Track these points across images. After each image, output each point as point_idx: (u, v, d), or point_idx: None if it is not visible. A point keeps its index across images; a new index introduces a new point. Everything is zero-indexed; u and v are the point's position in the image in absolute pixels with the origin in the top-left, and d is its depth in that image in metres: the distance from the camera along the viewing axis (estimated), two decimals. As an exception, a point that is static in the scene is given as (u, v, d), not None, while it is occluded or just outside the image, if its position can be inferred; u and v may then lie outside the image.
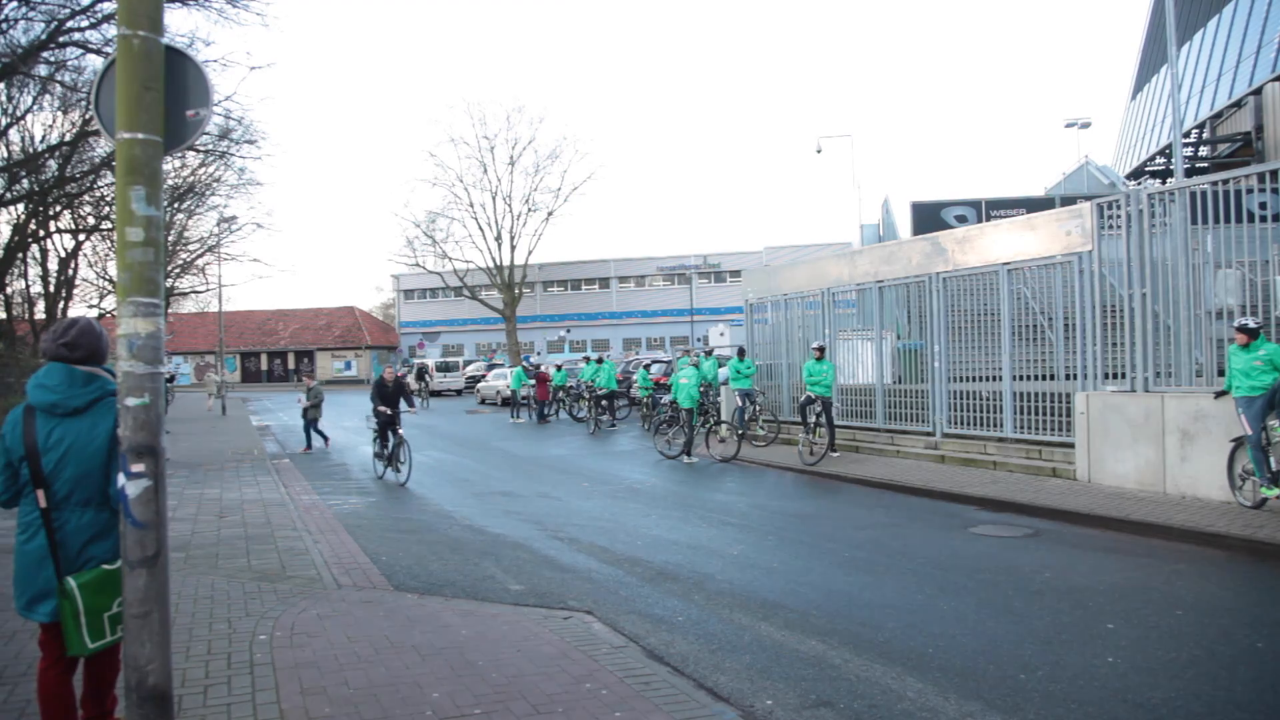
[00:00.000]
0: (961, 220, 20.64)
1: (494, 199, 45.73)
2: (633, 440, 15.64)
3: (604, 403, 17.68)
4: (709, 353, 16.39)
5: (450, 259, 47.82)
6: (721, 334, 32.11)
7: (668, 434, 12.82)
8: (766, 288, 14.70)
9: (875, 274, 12.05)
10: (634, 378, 21.27)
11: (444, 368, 36.46)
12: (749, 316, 15.21)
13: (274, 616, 4.78)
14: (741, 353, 14.19)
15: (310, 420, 14.93)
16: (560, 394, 21.06)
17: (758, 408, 13.82)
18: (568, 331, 51.77)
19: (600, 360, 18.86)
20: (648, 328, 50.61)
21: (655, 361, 22.49)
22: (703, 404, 12.58)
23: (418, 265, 50.42)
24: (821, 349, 11.52)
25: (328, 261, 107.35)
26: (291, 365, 53.97)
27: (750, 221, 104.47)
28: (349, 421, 22.24)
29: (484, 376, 30.05)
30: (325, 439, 15.22)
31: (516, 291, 46.39)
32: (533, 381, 21.04)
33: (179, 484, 10.24)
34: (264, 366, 54.46)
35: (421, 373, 31.69)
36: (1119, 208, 8.41)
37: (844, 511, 8.15)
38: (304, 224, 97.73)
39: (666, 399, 15.43)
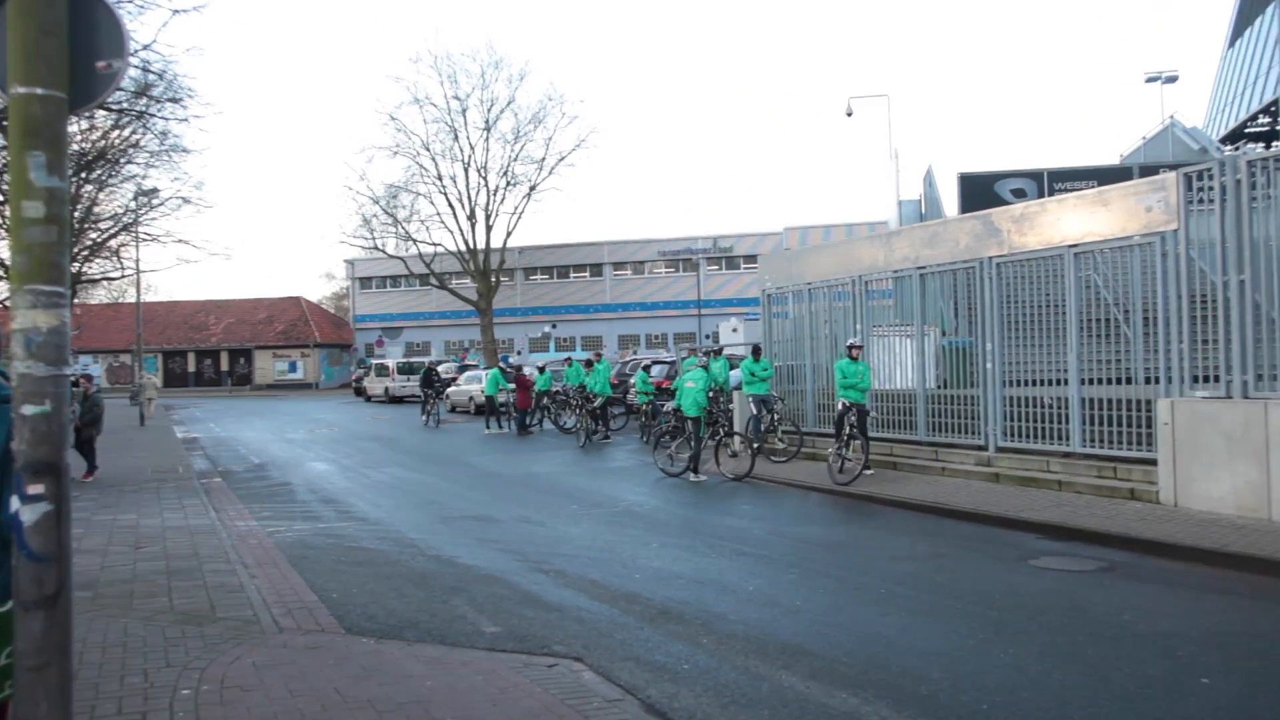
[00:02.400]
0: (1019, 195, 20.66)
1: (466, 171, 45.81)
2: (629, 455, 15.68)
3: (596, 411, 17.68)
4: (717, 352, 16.41)
5: (415, 241, 47.77)
6: (734, 330, 32.20)
7: (670, 447, 12.88)
8: (787, 275, 14.73)
9: (916, 259, 12.07)
10: (631, 381, 21.33)
11: (407, 369, 36.35)
12: (766, 309, 15.24)
13: (200, 667, 4.76)
14: (757, 351, 14.24)
15: (86, 440, 12.71)
16: (545, 400, 21.12)
17: (776, 416, 13.85)
18: (553, 327, 51.90)
19: (591, 362, 18.83)
20: (647, 323, 50.80)
21: (656, 362, 22.59)
22: (711, 412, 12.61)
23: (376, 249, 50.38)
24: (859, 346, 11.56)
25: (269, 244, 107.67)
26: (225, 366, 53.89)
27: (768, 198, 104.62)
28: (294, 433, 22.28)
29: (454, 380, 30.02)
30: (93, 468, 12.82)
31: (493, 280, 46.33)
32: (512, 386, 21.15)
33: (86, 508, 10.20)
34: (191, 368, 54.37)
35: (427, 374, 32.04)
36: (1211, 178, 8.37)
37: (879, 540, 8.17)
38: (241, 200, 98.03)
39: (669, 406, 15.50)
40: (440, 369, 29.19)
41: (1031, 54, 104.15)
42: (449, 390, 28.67)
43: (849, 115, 28.88)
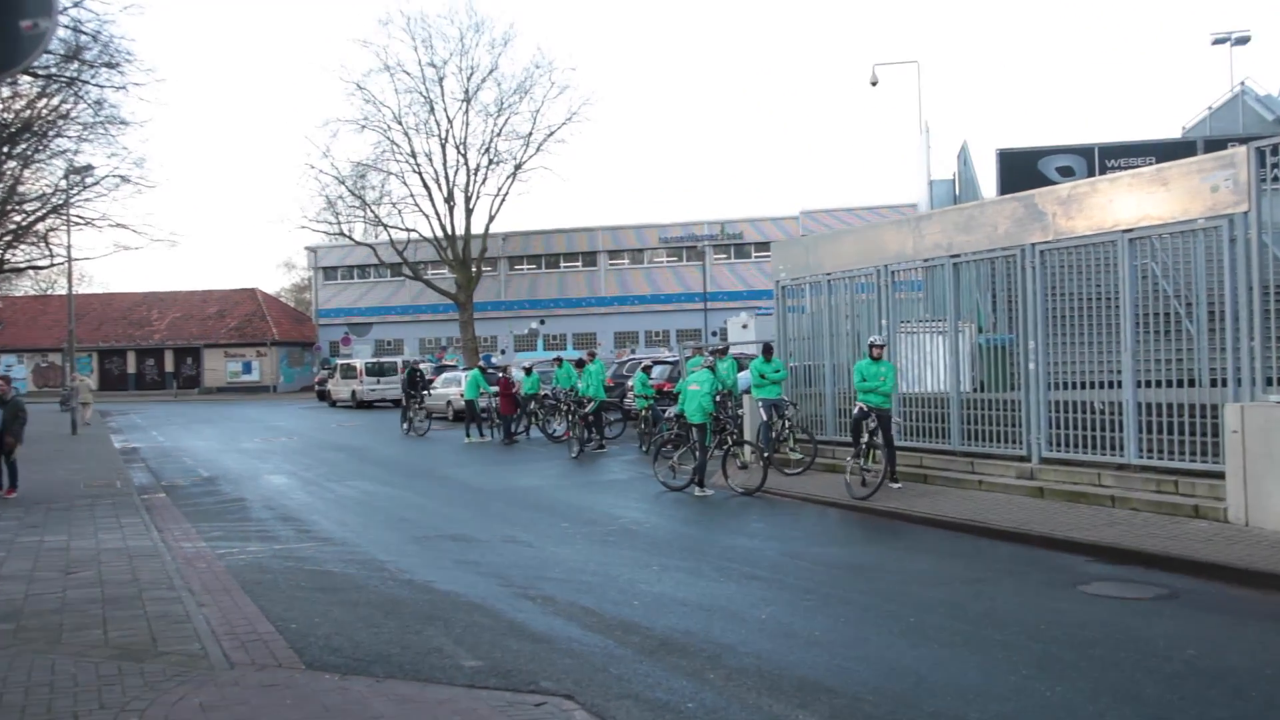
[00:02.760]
0: (1066, 174, 20.70)
1: (443, 147, 45.94)
2: (627, 466, 15.71)
3: (589, 417, 17.72)
4: (721, 351, 16.40)
5: (385, 227, 47.88)
6: (744, 326, 32.20)
7: (672, 458, 12.93)
8: (804, 265, 14.77)
9: (949, 246, 12.09)
10: (629, 384, 21.37)
11: (377, 370, 36.41)
12: (780, 303, 15.29)
13: (139, 709, 4.71)
14: (768, 351, 14.30)
15: (6, 451, 12.65)
16: (532, 406, 21.21)
17: (789, 423, 13.90)
18: (541, 323, 52.02)
19: (583, 362, 18.84)
20: (647, 318, 50.97)
21: (657, 362, 22.63)
22: (718, 418, 12.61)
23: (342, 235, 50.40)
24: (881, 345, 11.60)
25: (221, 229, 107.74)
26: (170, 367, 53.82)
27: (782, 179, 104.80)
28: (249, 442, 22.30)
29: (430, 382, 30.14)
30: (14, 483, 12.75)
31: (474, 270, 46.46)
32: (495, 389, 21.17)
33: (8, 528, 10.19)
34: (130, 369, 54.33)
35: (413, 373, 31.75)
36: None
37: (908, 562, 8.20)
38: (189, 179, 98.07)
39: (671, 412, 15.48)
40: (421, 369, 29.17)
41: (1080, 13, 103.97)
42: (423, 395, 28.53)
43: (874, 85, 28.79)
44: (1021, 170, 20.52)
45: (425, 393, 23.53)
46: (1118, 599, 6.76)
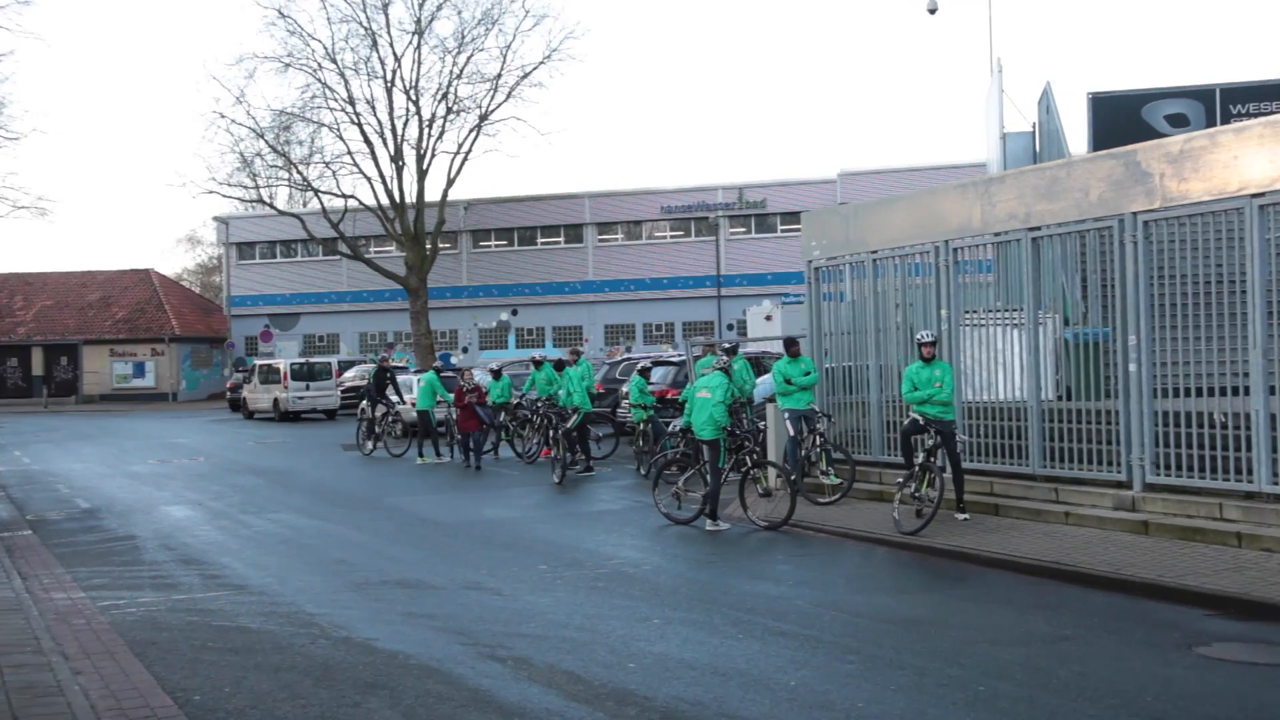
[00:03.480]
0: (1178, 123, 20.67)
1: (389, 93, 46.08)
2: (621, 493, 15.75)
3: (572, 432, 17.75)
4: (732, 350, 16.40)
5: (316, 192, 47.80)
6: (767, 318, 32.31)
7: (678, 483, 12.97)
8: (843, 240, 14.82)
9: (1026, 216, 12.14)
10: (623, 390, 21.40)
11: (306, 373, 36.51)
12: (813, 288, 15.36)
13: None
14: (793, 347, 14.33)
15: None
16: (502, 418, 21.18)
17: (821, 438, 13.95)
18: (513, 314, 52.19)
19: (565, 363, 18.85)
20: (646, 308, 51.21)
21: (658, 363, 22.66)
22: (734, 433, 12.64)
23: (261, 202, 50.56)
24: (931, 344, 11.64)
25: (106, 195, 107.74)
26: (38, 369, 53.70)
27: (815, 134, 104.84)
28: (141, 464, 22.36)
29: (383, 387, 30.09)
30: None
31: (428, 247, 46.47)
32: (468, 394, 21.25)
33: None
34: (-12, 371, 54.31)
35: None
36: None
37: (976, 615, 8.23)
38: (65, 132, 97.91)
39: (676, 425, 15.51)
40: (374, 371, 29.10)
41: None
42: (364, 404, 28.28)
43: (932, 12, 28.86)
44: (1121, 119, 20.51)
45: (399, 400, 23.24)
46: (1245, 664, 6.77)
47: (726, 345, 17.06)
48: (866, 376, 14.25)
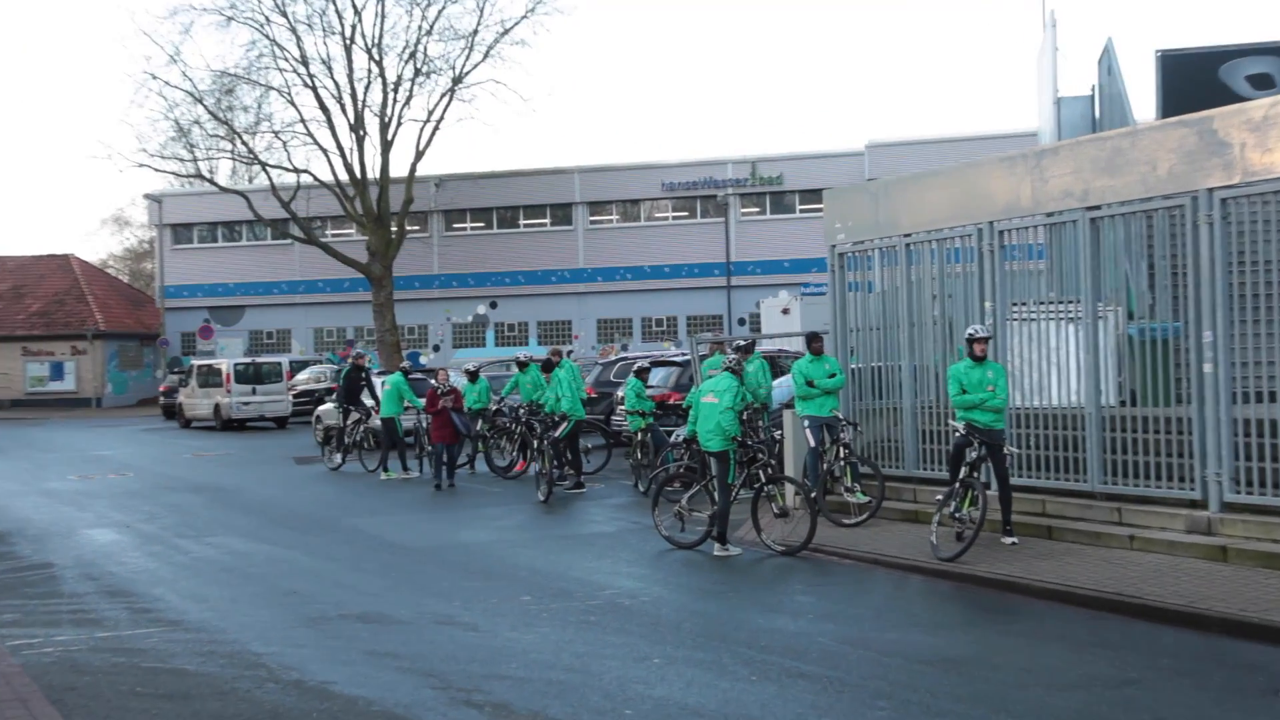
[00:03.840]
0: (1261, 85, 20.45)
1: (348, 51, 45.89)
2: (616, 513, 15.76)
3: (560, 443, 17.68)
4: (747, 348, 16.26)
5: (264, 166, 47.82)
6: (785, 311, 32.45)
7: (681, 501, 13.00)
8: (871, 222, 14.84)
9: (1084, 193, 12.11)
10: (618, 395, 21.34)
11: (252, 375, 36.50)
12: (837, 277, 15.38)
13: None
14: (816, 344, 14.32)
15: None
16: (480, 426, 21.18)
17: (847, 450, 13.97)
18: (492, 307, 52.27)
19: (551, 363, 18.74)
20: (645, 300, 51.32)
21: (658, 364, 22.67)
22: (746, 444, 12.61)
23: (200, 178, 50.07)
24: (984, 340, 11.58)
25: (18, 169, 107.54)
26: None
27: (840, 100, 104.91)
28: (60, 480, 22.34)
29: (330, 393, 30.03)
30: None
31: (394, 229, 46.49)
32: (445, 400, 21.12)
33: None
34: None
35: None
36: None
37: (1027, 654, 8.23)
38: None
39: (679, 434, 15.43)
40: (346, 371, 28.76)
41: None
42: (320, 410, 28.64)
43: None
44: (1194, 81, 20.31)
45: (376, 405, 22.67)
46: (1342, 712, 6.75)
47: (741, 343, 16.93)
48: (899, 378, 14.25)
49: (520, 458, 19.93)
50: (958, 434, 11.52)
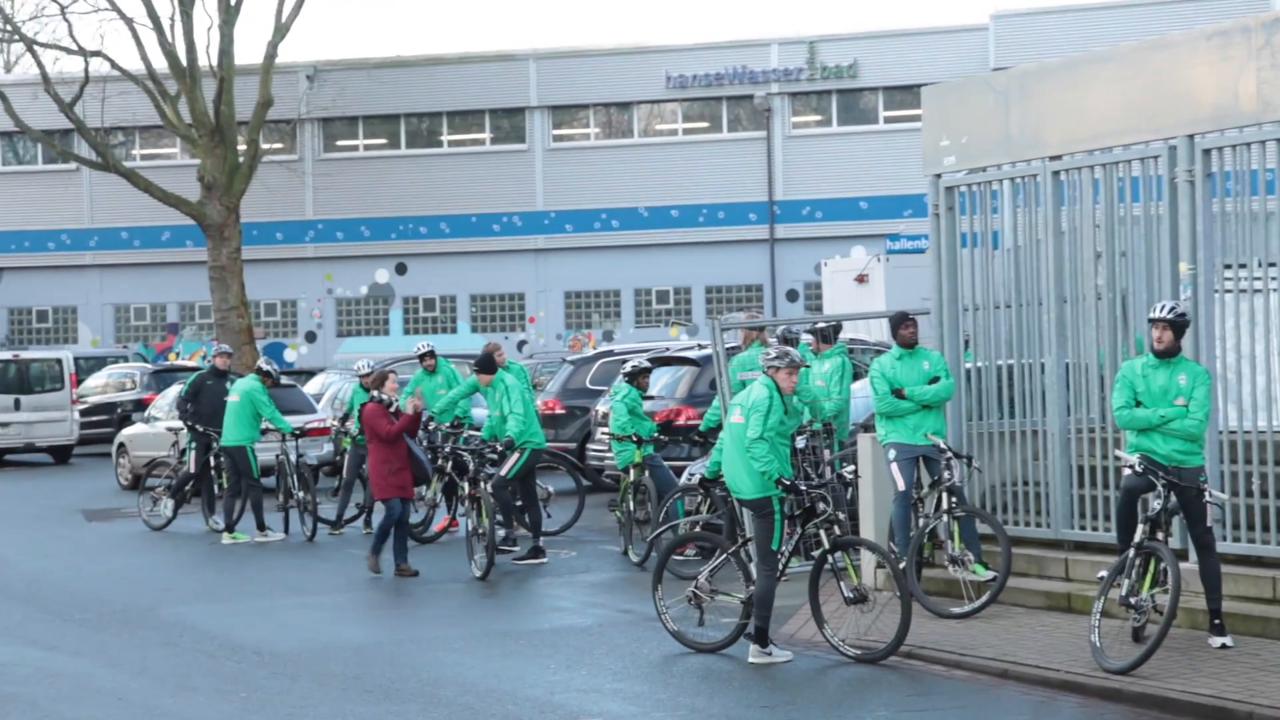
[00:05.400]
0: None
1: None
2: (593, 595, 15.93)
3: (507, 484, 17.84)
4: (825, 332, 16.26)
5: (30, 44, 47.76)
6: (861, 279, 32.52)
7: (698, 577, 12.95)
8: (998, 136, 14.87)
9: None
10: (598, 411, 21.62)
11: (14, 380, 36.47)
12: (942, 226, 15.40)
13: None
14: (907, 329, 14.37)
15: None
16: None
17: (956, 498, 13.96)
18: (399, 272, 52.64)
19: (492, 360, 18.71)
20: (639, 260, 51.42)
21: (660, 361, 22.84)
22: (800, 488, 12.49)
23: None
24: (1174, 323, 11.54)
25: None
26: None
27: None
28: None
29: (143, 408, 30.06)
30: None
31: (241, 149, 46.59)
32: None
33: None
34: None
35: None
36: None
37: None
38: None
39: (694, 472, 15.46)
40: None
41: None
42: (126, 434, 28.64)
43: None
44: None
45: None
46: None
47: (819, 326, 16.90)
48: (1039, 385, 14.23)
49: (443, 509, 19.94)
50: (1129, 472, 11.40)
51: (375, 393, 18.97)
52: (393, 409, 18.23)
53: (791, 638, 12.63)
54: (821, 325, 16.99)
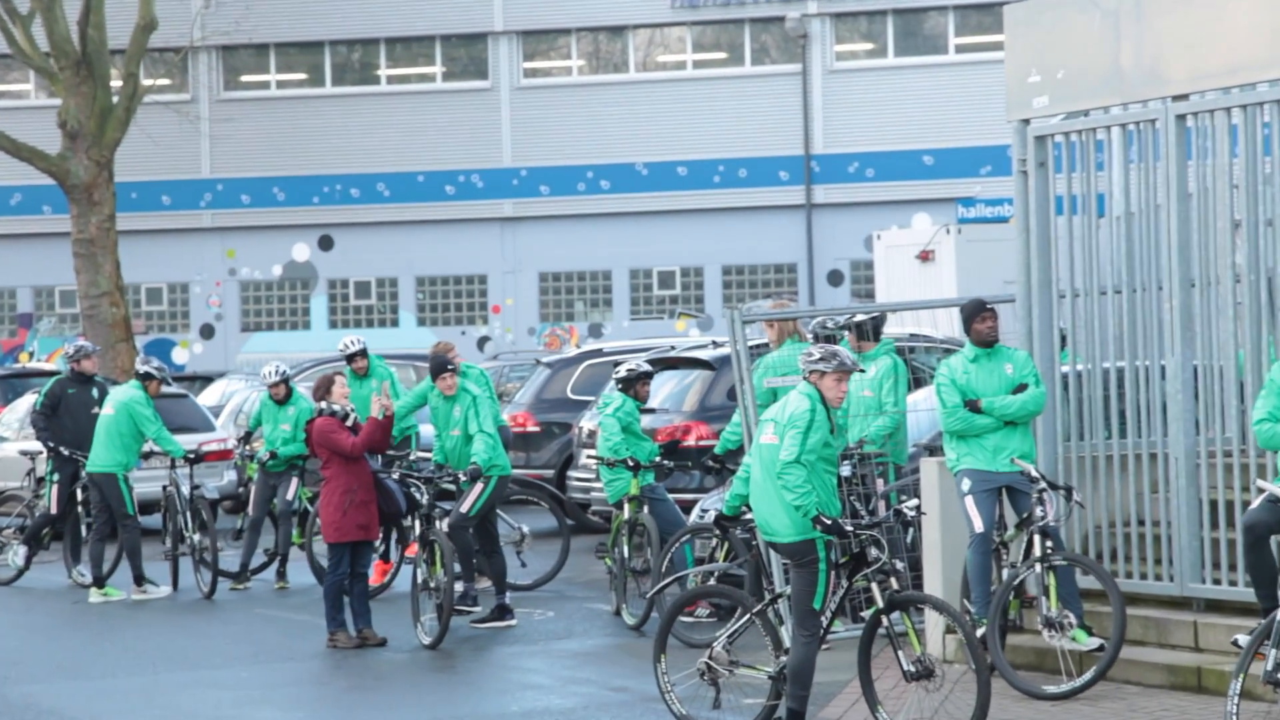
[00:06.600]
0: None
1: None
2: (576, 667, 16.10)
3: (471, 528, 17.97)
4: (870, 324, 16.40)
5: None
6: (925, 257, 32.75)
7: (714, 645, 12.91)
8: (1105, 68, 14.94)
9: None
10: (582, 429, 21.87)
11: None
12: (1032, 185, 15.46)
13: None
14: (984, 323, 14.43)
15: None
16: (299, 492, 21.71)
17: (1051, 543, 13.93)
18: (324, 248, 52.38)
19: (449, 365, 18.84)
20: (635, 233, 51.95)
21: (664, 363, 23.09)
22: (847, 530, 12.33)
23: None
24: None
25: None
26: None
27: None
28: None
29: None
30: None
31: (116, 89, 47.20)
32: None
33: None
34: None
35: None
36: None
37: None
38: None
39: (708, 507, 15.51)
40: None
41: None
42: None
43: None
44: None
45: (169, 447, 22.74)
46: None
47: (857, 320, 16.97)
48: (1158, 395, 14.30)
49: (382, 554, 20.06)
50: (1257, 503, 11.27)
51: (323, 404, 18.74)
52: (349, 421, 18.09)
53: (841, 707, 12.62)
54: (861, 318, 16.97)
